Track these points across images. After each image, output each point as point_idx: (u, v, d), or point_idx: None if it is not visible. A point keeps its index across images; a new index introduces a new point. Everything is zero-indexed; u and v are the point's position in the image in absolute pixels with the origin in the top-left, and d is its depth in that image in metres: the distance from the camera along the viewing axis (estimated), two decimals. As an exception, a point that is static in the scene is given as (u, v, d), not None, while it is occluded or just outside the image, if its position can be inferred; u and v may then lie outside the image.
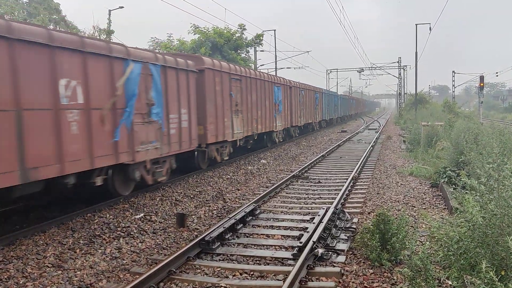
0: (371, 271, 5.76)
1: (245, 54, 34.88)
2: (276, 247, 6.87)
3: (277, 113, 22.15)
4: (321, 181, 12.59)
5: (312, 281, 5.53)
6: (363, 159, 16.26)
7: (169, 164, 11.71)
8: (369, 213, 8.76)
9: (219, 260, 6.37)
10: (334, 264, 6.02)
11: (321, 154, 18.44)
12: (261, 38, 33.71)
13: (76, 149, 8.05)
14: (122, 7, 33.77)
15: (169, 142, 11.38)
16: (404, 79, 59.46)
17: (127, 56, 9.53)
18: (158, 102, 10.80)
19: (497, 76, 74.46)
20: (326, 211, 8.04)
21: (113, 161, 9.16)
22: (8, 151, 6.71)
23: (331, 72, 65.88)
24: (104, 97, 8.86)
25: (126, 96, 9.53)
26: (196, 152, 13.96)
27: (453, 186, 8.86)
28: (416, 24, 39.73)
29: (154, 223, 8.43)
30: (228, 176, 13.60)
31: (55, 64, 7.57)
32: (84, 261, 6.41)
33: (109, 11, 34.14)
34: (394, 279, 5.49)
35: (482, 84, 29.63)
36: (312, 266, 5.85)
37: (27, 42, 7.05)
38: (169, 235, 7.63)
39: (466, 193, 5.57)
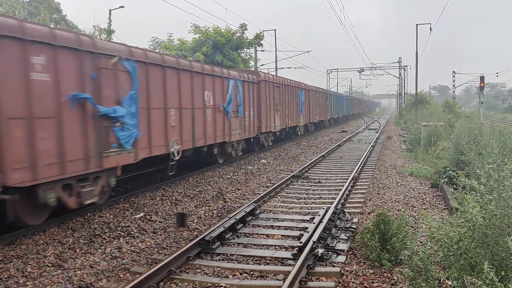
0: (371, 271, 5.76)
1: (246, 54, 34.87)
2: (276, 247, 6.87)
3: (300, 112, 27.60)
4: (321, 181, 12.59)
5: (312, 281, 5.54)
6: (363, 159, 16.26)
7: (242, 145, 17.44)
8: (369, 213, 8.76)
9: (219, 260, 6.38)
10: (334, 264, 6.02)
11: (321, 154, 18.45)
12: (262, 37, 33.69)
13: (210, 131, 13.92)
14: (122, 7, 33.79)
15: (244, 130, 17.31)
16: (404, 79, 59.47)
17: (228, 76, 15.50)
18: (241, 104, 16.73)
19: (497, 76, 74.68)
20: (326, 211, 8.04)
21: (224, 140, 15.16)
22: (188, 131, 12.43)
23: (331, 72, 65.90)
24: (220, 101, 14.75)
25: (228, 101, 15.34)
26: (252, 139, 18.92)
27: (453, 186, 8.88)
28: (417, 24, 39.67)
29: (154, 222, 8.43)
30: (228, 176, 13.61)
31: (204, 83, 13.46)
32: (84, 260, 6.42)
33: (110, 10, 34.17)
34: (394, 279, 5.49)
35: (482, 85, 29.60)
36: (312, 266, 5.86)
37: (190, 72, 12.61)
38: (169, 235, 7.63)
39: (466, 193, 5.57)
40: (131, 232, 7.77)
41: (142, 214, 8.98)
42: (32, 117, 7.07)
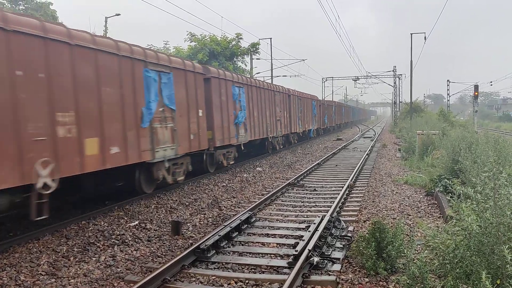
0: (366, 279, 5.74)
1: (242, 62, 34.95)
2: (272, 255, 6.84)
3: (315, 118, 35.12)
4: (316, 189, 12.58)
5: (308, 289, 5.50)
6: (359, 167, 16.27)
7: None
8: (364, 221, 8.75)
9: (214, 268, 6.34)
10: (330, 273, 5.99)
11: (317, 162, 18.45)
12: (258, 46, 33.82)
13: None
14: (118, 15, 33.86)
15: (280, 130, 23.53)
16: (399, 87, 59.74)
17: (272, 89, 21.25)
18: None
19: (491, 85, 75.02)
20: (322, 219, 8.03)
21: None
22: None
23: (326, 80, 66.09)
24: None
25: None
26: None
27: (449, 194, 8.89)
28: (411, 34, 40.03)
29: (149, 230, 8.38)
30: (224, 184, 13.57)
31: (274, 98, 21.37)
32: (78, 269, 6.36)
33: (106, 18, 34.21)
34: (389, 288, 5.47)
35: (476, 93, 29.82)
36: (307, 274, 5.83)
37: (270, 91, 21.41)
38: (164, 243, 7.58)
39: (462, 201, 5.58)
40: (126, 240, 7.71)
41: (136, 222, 8.92)
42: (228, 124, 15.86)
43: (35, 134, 7.40)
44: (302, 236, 7.30)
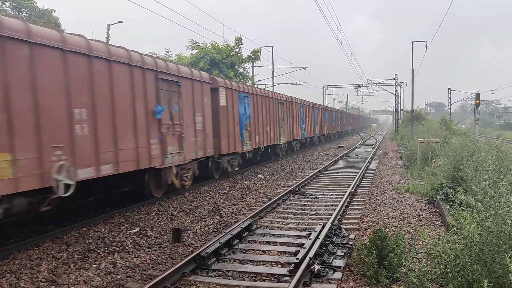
0: (367, 288, 5.72)
1: (243, 70, 35.06)
2: (272, 263, 6.82)
3: (328, 125, 40.31)
4: (317, 196, 12.56)
5: (309, 298, 5.48)
6: (360, 175, 16.25)
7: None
8: (365, 229, 8.73)
9: (215, 276, 6.32)
10: (331, 281, 5.97)
11: (318, 169, 18.44)
12: (259, 54, 33.94)
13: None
14: (121, 22, 34.04)
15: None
16: (400, 95, 59.81)
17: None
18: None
19: (492, 93, 74.91)
20: (323, 227, 8.01)
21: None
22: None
23: (328, 88, 66.22)
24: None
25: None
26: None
27: (450, 203, 8.87)
28: (412, 42, 40.12)
29: (149, 238, 8.37)
30: (225, 191, 13.56)
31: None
32: (78, 276, 6.34)
33: (108, 25, 34.40)
34: (391, 297, 5.45)
35: (478, 102, 29.88)
36: (308, 282, 5.81)
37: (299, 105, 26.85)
38: (165, 250, 7.57)
39: (463, 210, 5.57)
40: (126, 247, 7.70)
41: (137, 229, 8.91)
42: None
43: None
44: (303, 244, 7.28)
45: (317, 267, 6.16)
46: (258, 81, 41.30)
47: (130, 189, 12.10)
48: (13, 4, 37.04)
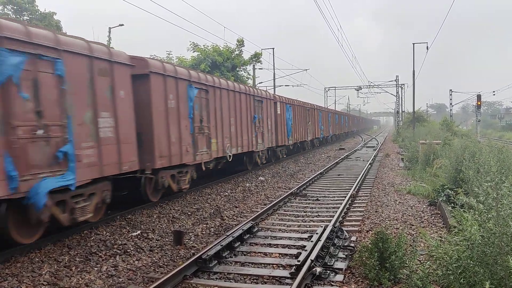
0: (369, 290, 5.70)
1: (244, 72, 35.08)
2: (274, 265, 6.81)
3: (338, 126, 45.05)
4: (319, 198, 12.55)
5: (310, 300, 5.47)
6: (362, 176, 16.23)
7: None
8: (367, 231, 8.71)
9: (216, 278, 6.31)
10: (332, 283, 5.96)
11: (320, 171, 18.43)
12: (260, 56, 33.96)
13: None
14: (122, 25, 34.09)
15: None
16: (401, 97, 59.82)
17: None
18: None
19: (494, 95, 74.87)
20: (324, 229, 8.00)
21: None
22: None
23: (329, 90, 66.24)
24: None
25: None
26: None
27: (452, 204, 8.86)
28: (413, 43, 40.04)
29: (151, 240, 8.36)
30: (226, 193, 13.56)
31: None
32: (80, 279, 6.34)
33: (109, 28, 34.46)
34: (393, 299, 5.43)
35: (479, 103, 29.84)
36: (310, 285, 5.80)
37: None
38: (166, 253, 7.56)
39: (464, 211, 5.56)
40: (128, 250, 7.70)
41: (139, 231, 8.91)
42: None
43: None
44: (304, 246, 7.27)
45: (318, 269, 6.15)
46: (260, 83, 41.33)
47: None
48: (14, 7, 37.16)
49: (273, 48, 39.25)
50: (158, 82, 11.28)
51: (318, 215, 10.42)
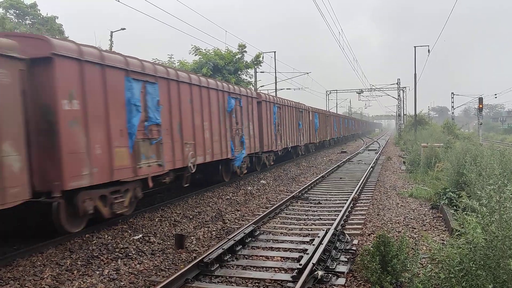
0: (371, 294, 5.68)
1: (246, 75, 35.08)
2: (276, 269, 6.80)
3: (347, 129, 52.56)
4: (321, 202, 12.53)
5: (312, 304, 5.45)
6: (363, 180, 16.22)
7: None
8: (369, 234, 8.70)
9: (218, 282, 6.30)
10: (334, 287, 5.95)
11: (321, 174, 18.41)
12: (261, 59, 33.96)
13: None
14: (124, 29, 34.18)
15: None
16: (403, 100, 59.78)
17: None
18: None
19: (496, 97, 74.99)
20: (326, 232, 7.99)
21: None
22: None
23: (330, 93, 66.24)
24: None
25: None
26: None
27: (454, 207, 8.84)
28: (415, 46, 40.06)
29: (152, 244, 8.36)
30: (228, 197, 13.55)
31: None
32: (82, 282, 6.34)
33: (111, 32, 34.55)
34: (395, 302, 5.41)
35: (481, 106, 29.80)
36: (312, 288, 5.78)
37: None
38: (168, 257, 7.56)
39: (467, 214, 5.54)
40: (129, 254, 7.69)
41: (140, 235, 8.91)
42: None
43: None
44: (306, 250, 7.26)
45: (320, 272, 6.14)
46: (261, 86, 41.37)
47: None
48: (17, 12, 37.31)
49: (275, 52, 39.31)
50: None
51: (320, 218, 10.41)
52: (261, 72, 38.08)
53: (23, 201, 7.07)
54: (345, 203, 11.56)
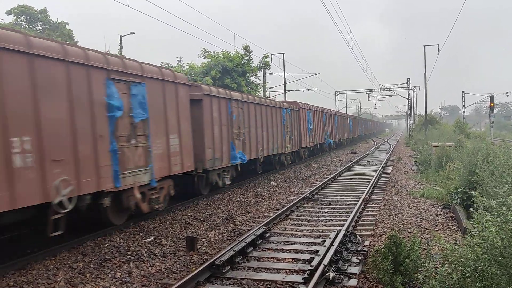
0: (384, 295, 5.65)
1: (255, 77, 35.09)
2: (287, 270, 6.79)
3: (362, 128, 58.69)
4: (331, 203, 12.50)
5: (324, 305, 5.44)
6: (374, 180, 16.13)
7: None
8: (380, 235, 8.65)
9: (230, 284, 6.31)
10: (346, 288, 5.92)
11: (332, 175, 18.35)
12: (268, 61, 33.93)
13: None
14: (133, 33, 34.38)
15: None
16: (413, 100, 59.40)
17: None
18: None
19: (507, 95, 74.12)
20: (337, 233, 7.96)
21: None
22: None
23: (340, 93, 66.06)
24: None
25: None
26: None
27: (470, 206, 8.76)
28: (424, 46, 39.75)
29: (164, 246, 8.39)
30: (238, 199, 13.56)
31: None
32: (94, 285, 6.38)
33: (121, 37, 34.78)
34: (408, 303, 5.38)
35: (492, 104, 29.54)
36: (324, 290, 5.76)
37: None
38: (179, 259, 7.58)
39: (481, 213, 5.49)
40: (141, 257, 7.73)
41: (152, 238, 8.95)
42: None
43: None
44: (317, 251, 7.24)
45: (332, 274, 6.12)
46: (270, 88, 41.35)
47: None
48: (28, 18, 37.75)
49: (283, 53, 39.33)
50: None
51: (331, 219, 10.38)
52: (269, 73, 38.10)
53: None
54: (356, 204, 11.51)
